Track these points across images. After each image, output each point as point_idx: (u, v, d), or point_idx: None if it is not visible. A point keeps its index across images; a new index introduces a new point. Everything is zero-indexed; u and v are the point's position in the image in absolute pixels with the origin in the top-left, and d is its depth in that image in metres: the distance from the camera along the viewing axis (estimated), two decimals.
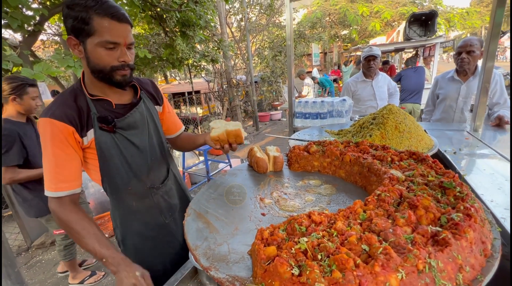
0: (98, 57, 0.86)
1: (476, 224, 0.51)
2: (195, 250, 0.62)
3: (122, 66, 0.90)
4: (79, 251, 2.77)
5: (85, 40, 0.84)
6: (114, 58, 0.87)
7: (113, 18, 0.83)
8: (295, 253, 0.49)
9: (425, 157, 0.84)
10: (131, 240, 1.10)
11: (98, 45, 0.84)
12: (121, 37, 0.86)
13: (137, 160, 1.04)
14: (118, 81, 0.92)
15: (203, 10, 4.21)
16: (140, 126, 1.05)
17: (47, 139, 0.87)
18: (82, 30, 0.83)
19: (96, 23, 0.82)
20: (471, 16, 11.61)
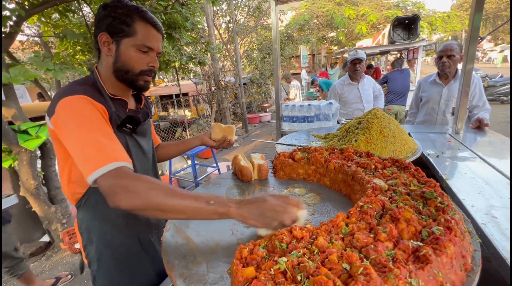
0: (130, 57, 0.89)
1: (457, 237, 0.50)
2: (172, 270, 0.58)
3: (149, 71, 0.93)
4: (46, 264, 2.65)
5: (120, 40, 0.88)
6: (144, 62, 0.91)
7: (153, 26, 0.90)
8: (274, 274, 0.47)
9: (407, 165, 0.84)
10: (108, 257, 0.98)
11: (134, 47, 0.88)
12: (156, 44, 0.92)
13: (142, 166, 1.03)
14: (140, 86, 0.95)
15: (190, 12, 4.15)
16: (147, 135, 1.09)
17: (87, 114, 0.78)
18: (120, 30, 0.86)
19: (138, 27, 0.87)
20: (452, 19, 12.06)
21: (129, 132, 0.96)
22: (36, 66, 2.45)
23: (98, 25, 0.88)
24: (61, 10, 3.23)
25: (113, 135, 0.80)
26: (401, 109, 4.83)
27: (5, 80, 2.20)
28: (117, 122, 0.92)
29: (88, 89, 0.85)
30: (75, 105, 0.79)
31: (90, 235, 0.98)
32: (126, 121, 0.93)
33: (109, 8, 0.87)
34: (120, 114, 0.93)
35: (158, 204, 0.65)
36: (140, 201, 0.65)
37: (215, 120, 7.10)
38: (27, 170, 2.63)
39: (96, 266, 0.98)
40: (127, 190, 0.66)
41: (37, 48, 5.36)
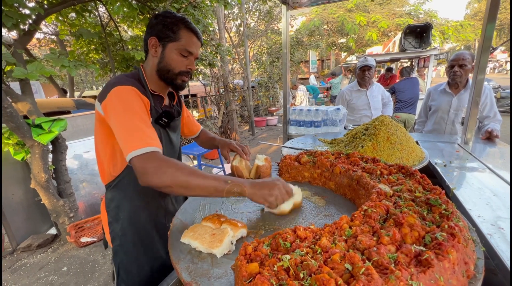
0: (172, 59, 1.02)
1: (460, 244, 0.50)
2: (178, 263, 0.60)
3: (187, 73, 1.06)
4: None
5: (166, 44, 1.01)
6: (184, 65, 1.05)
7: (195, 35, 1.04)
8: (277, 270, 0.48)
9: (413, 172, 0.84)
10: (131, 234, 1.08)
11: (177, 50, 1.01)
12: (196, 50, 1.05)
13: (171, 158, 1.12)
14: (178, 84, 1.08)
15: (202, 15, 4.22)
16: (177, 130, 1.23)
17: (133, 103, 0.90)
18: (167, 36, 1.00)
19: (183, 34, 1.01)
20: (465, 29, 11.89)
21: (164, 125, 1.09)
22: (52, 63, 2.53)
23: (149, 31, 1.03)
24: (78, 10, 3.34)
25: (151, 125, 0.91)
26: (410, 117, 4.78)
27: (22, 75, 2.28)
28: (155, 116, 1.04)
29: (136, 83, 0.98)
30: (125, 94, 0.91)
31: (118, 213, 1.08)
32: (162, 115, 1.06)
33: (160, 17, 1.01)
34: (158, 108, 1.06)
35: (184, 182, 0.76)
36: (168, 179, 0.76)
37: (222, 121, 7.15)
38: (39, 163, 2.71)
39: (118, 242, 1.08)
40: (158, 169, 0.77)
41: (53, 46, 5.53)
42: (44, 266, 2.71)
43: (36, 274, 2.60)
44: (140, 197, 1.09)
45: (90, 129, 3.52)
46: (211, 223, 0.73)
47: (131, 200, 1.08)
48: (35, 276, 2.58)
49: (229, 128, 7.25)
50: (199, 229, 0.69)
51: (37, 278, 2.54)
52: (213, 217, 0.75)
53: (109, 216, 1.09)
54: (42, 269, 2.66)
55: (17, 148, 2.71)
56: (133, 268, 1.07)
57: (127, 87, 0.92)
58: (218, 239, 0.64)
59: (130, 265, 1.07)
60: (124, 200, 1.08)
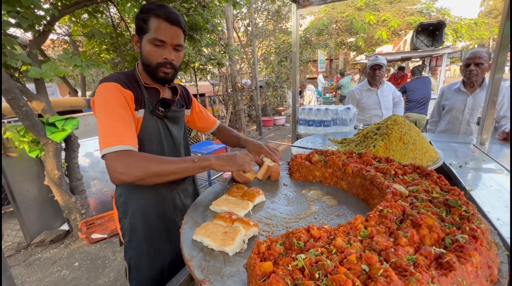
0: (147, 52, 0.99)
1: (483, 247, 0.49)
2: (190, 261, 0.60)
3: (165, 63, 1.00)
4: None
5: (142, 37, 0.99)
6: (159, 55, 0.99)
7: (165, 20, 0.96)
8: (291, 270, 0.47)
9: (430, 172, 0.82)
10: (141, 230, 1.08)
11: (149, 42, 0.97)
12: (168, 37, 0.98)
13: (171, 150, 1.13)
14: (160, 78, 1.03)
15: (211, 14, 4.24)
16: (179, 123, 1.20)
17: (112, 100, 0.91)
18: (141, 29, 0.98)
19: (151, 23, 0.96)
20: (479, 27, 11.54)
21: (161, 115, 1.06)
22: (65, 63, 2.59)
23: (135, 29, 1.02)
24: (90, 11, 3.41)
25: (129, 121, 0.92)
26: (421, 117, 4.67)
27: (37, 75, 2.34)
28: (150, 107, 1.04)
29: (122, 78, 0.98)
30: (105, 91, 0.92)
31: (126, 209, 1.09)
32: (158, 104, 1.05)
33: (139, 13, 0.99)
34: (153, 100, 1.05)
35: (156, 171, 0.83)
36: (140, 172, 0.82)
37: (230, 121, 7.17)
38: (52, 161, 2.77)
39: (128, 238, 1.09)
40: (127, 167, 0.81)
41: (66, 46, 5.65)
42: (56, 261, 2.78)
43: (49, 269, 2.66)
44: (146, 191, 1.09)
45: None
46: (223, 221, 0.73)
47: (137, 195, 1.08)
48: (48, 270, 2.64)
49: (237, 127, 7.27)
50: (211, 227, 0.69)
51: (50, 273, 2.61)
52: (225, 215, 0.75)
53: (119, 212, 1.10)
54: (55, 264, 2.73)
55: (32, 146, 2.79)
56: (143, 264, 1.08)
57: (109, 84, 0.93)
58: (230, 237, 0.63)
59: (140, 261, 1.08)
60: (131, 196, 1.08)
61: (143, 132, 1.02)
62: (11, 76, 2.43)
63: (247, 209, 0.83)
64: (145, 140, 1.03)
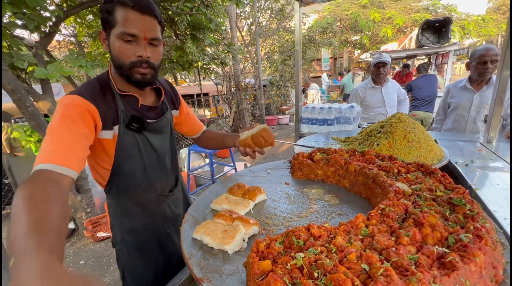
0: (117, 50, 0.81)
1: (487, 246, 0.47)
2: (189, 259, 0.60)
3: (140, 62, 0.83)
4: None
5: (109, 33, 0.82)
6: (132, 53, 0.81)
7: (134, 8, 0.78)
8: (290, 269, 0.47)
9: (434, 170, 0.80)
10: (130, 240, 1.05)
11: (118, 37, 0.80)
12: (140, 30, 0.80)
13: (154, 164, 1.03)
14: (136, 80, 0.86)
15: (214, 14, 4.25)
16: (164, 132, 1.05)
17: (57, 112, 0.77)
18: (107, 22, 0.81)
19: (118, 13, 0.78)
20: (487, 23, 11.32)
21: (136, 130, 0.93)
22: (70, 63, 2.62)
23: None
24: (95, 12, 3.44)
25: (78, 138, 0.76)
26: (427, 115, 4.60)
27: (43, 75, 2.37)
28: (126, 121, 0.90)
29: (90, 89, 0.83)
30: (63, 105, 0.78)
31: (114, 220, 1.05)
32: (131, 121, 0.91)
33: (104, 2, 0.82)
34: (129, 111, 0.91)
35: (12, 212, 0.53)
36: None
37: (234, 120, 7.18)
38: None
39: (120, 247, 1.06)
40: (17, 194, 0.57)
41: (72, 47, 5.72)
42: None
43: None
44: (131, 203, 1.02)
45: None
46: (223, 220, 0.72)
47: (122, 206, 1.02)
48: None
49: (241, 127, 7.27)
50: (211, 225, 0.69)
51: None
52: (225, 213, 0.74)
53: (110, 221, 1.07)
54: None
55: (39, 145, 2.83)
56: (135, 273, 1.05)
57: (68, 97, 0.80)
58: (230, 235, 0.63)
59: (133, 270, 1.05)
60: (117, 207, 1.03)
61: (120, 149, 0.91)
62: (18, 77, 2.47)
63: (247, 207, 0.82)
64: (122, 158, 0.93)
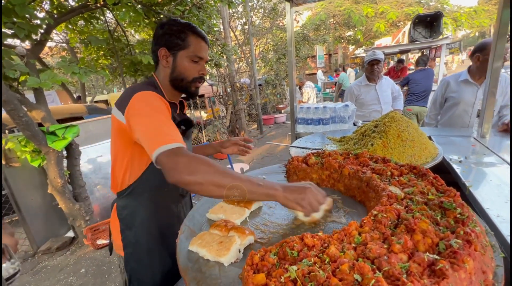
0: (184, 67, 1.04)
1: (477, 252, 0.48)
2: (186, 273, 0.60)
3: (200, 78, 1.08)
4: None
5: (177, 53, 1.03)
6: (196, 71, 1.06)
7: (203, 39, 1.06)
8: (284, 282, 0.47)
9: (425, 172, 0.81)
10: (146, 242, 1.08)
11: (188, 57, 1.03)
12: (205, 54, 1.07)
13: None
14: (192, 92, 1.10)
15: (206, 15, 4.23)
16: (189, 139, 1.23)
17: (157, 104, 0.91)
18: (176, 45, 1.02)
19: (190, 40, 1.02)
20: (479, 15, 11.36)
21: (182, 133, 1.06)
22: (63, 70, 2.60)
23: (157, 42, 1.04)
24: (86, 17, 3.41)
25: (175, 125, 0.90)
26: (422, 110, 4.62)
27: (36, 85, 2.36)
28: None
29: (157, 90, 1.00)
30: (149, 97, 0.93)
31: (132, 221, 1.07)
32: (181, 123, 1.09)
33: (166, 26, 1.02)
34: (175, 116, 1.07)
35: (217, 181, 0.72)
36: (201, 177, 0.72)
37: (231, 121, 7.17)
38: (55, 169, 2.80)
39: (131, 249, 1.07)
40: (188, 165, 0.74)
41: (64, 54, 5.68)
42: (63, 268, 2.81)
43: (56, 276, 2.70)
44: (153, 204, 1.09)
45: (102, 133, 3.61)
46: (218, 230, 0.73)
47: (145, 208, 1.08)
48: (55, 278, 2.68)
49: (238, 127, 7.27)
50: (207, 236, 0.69)
51: (57, 280, 2.64)
52: (221, 223, 0.75)
53: (121, 224, 1.08)
54: (62, 271, 2.76)
55: (34, 155, 2.81)
56: (145, 276, 1.07)
57: (149, 92, 0.94)
58: (225, 247, 0.64)
59: (142, 273, 1.07)
60: (138, 207, 1.07)
61: None
62: (10, 87, 2.45)
63: (243, 216, 0.83)
64: None
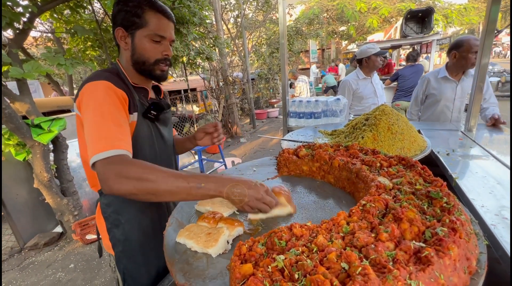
0: (144, 48, 0.94)
1: (461, 239, 0.49)
2: (172, 264, 0.59)
3: (164, 60, 0.98)
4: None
5: (134, 33, 0.93)
6: (158, 51, 0.95)
7: (164, 15, 0.94)
8: (271, 271, 0.47)
9: (414, 163, 0.82)
10: (136, 239, 1.03)
11: (147, 37, 0.93)
12: (167, 32, 0.95)
13: (163, 155, 1.08)
14: (157, 76, 1.00)
15: (198, 7, 4.14)
16: (168, 125, 1.15)
17: (103, 99, 0.81)
18: (133, 23, 0.91)
19: (149, 17, 0.91)
20: (468, 12, 11.55)
21: (152, 119, 1.01)
22: (48, 61, 2.51)
23: (114, 21, 0.94)
24: (72, 6, 3.28)
25: (123, 123, 0.82)
26: None
27: (19, 75, 2.26)
28: (142, 110, 0.97)
29: (112, 77, 0.89)
30: (96, 90, 0.83)
31: (118, 218, 1.01)
32: (150, 108, 0.99)
33: (121, 3, 0.92)
34: (144, 101, 0.99)
35: (150, 189, 0.67)
36: (131, 186, 0.67)
37: (223, 115, 7.12)
38: (41, 163, 2.72)
39: (121, 248, 1.02)
40: (119, 175, 0.68)
41: (50, 44, 5.47)
42: (51, 263, 2.76)
43: (44, 272, 2.65)
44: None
45: None
46: (206, 222, 0.72)
47: (130, 203, 1.02)
48: (43, 273, 2.63)
49: (230, 121, 7.22)
50: (195, 228, 0.68)
51: (45, 276, 2.59)
52: (209, 215, 0.74)
53: (107, 222, 1.03)
54: (50, 266, 2.71)
55: (18, 149, 2.72)
56: (139, 273, 1.04)
57: (98, 82, 0.84)
58: (214, 238, 0.63)
59: (136, 270, 1.04)
60: (123, 204, 1.01)
61: (137, 136, 0.95)
62: None
63: (232, 208, 0.82)
64: (138, 145, 0.95)
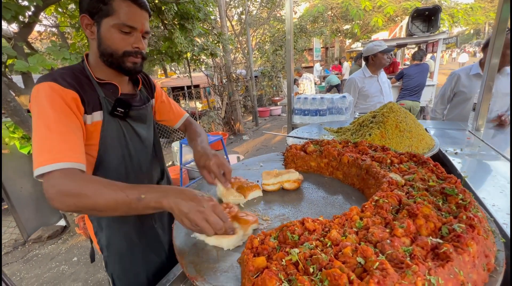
0: (111, 39, 0.83)
1: (480, 236, 0.48)
2: (182, 257, 0.59)
3: (135, 53, 0.87)
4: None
5: (101, 21, 0.82)
6: (128, 43, 0.85)
7: (135, 2, 0.82)
8: (285, 265, 0.46)
9: (426, 160, 0.81)
10: (118, 244, 1.00)
11: (114, 27, 0.82)
12: (139, 23, 0.84)
13: (140, 154, 1.00)
14: (128, 69, 0.88)
15: (202, 2, 4.11)
16: (147, 121, 1.04)
17: (45, 105, 0.73)
18: (99, 10, 0.81)
19: (116, 4, 0.80)
20: (475, 11, 11.41)
21: (121, 116, 0.91)
22: (53, 55, 2.51)
23: (80, 7, 0.85)
24: (76, 1, 3.27)
25: (72, 130, 0.75)
26: (415, 105, 4.65)
27: (24, 69, 2.26)
28: (108, 108, 0.88)
29: (64, 75, 0.80)
30: (38, 95, 0.75)
31: (100, 223, 1.00)
32: (116, 105, 0.89)
33: None
34: (110, 99, 0.90)
35: (89, 205, 0.64)
36: (72, 203, 0.64)
37: (226, 112, 7.11)
38: None
39: (107, 252, 1.01)
40: (60, 193, 0.65)
41: (55, 39, 5.47)
42: (55, 256, 2.78)
43: (48, 264, 2.67)
44: None
45: None
46: None
47: None
48: (46, 266, 2.65)
49: (233, 118, 7.21)
50: None
51: (49, 268, 2.61)
52: (224, 209, 0.73)
53: (93, 226, 1.01)
54: (53, 259, 2.73)
55: (23, 142, 2.73)
56: (126, 277, 1.02)
57: (42, 85, 0.75)
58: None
59: (123, 274, 1.02)
60: None
61: (105, 137, 0.88)
62: None
63: (239, 200, 0.81)
64: (108, 146, 0.89)
